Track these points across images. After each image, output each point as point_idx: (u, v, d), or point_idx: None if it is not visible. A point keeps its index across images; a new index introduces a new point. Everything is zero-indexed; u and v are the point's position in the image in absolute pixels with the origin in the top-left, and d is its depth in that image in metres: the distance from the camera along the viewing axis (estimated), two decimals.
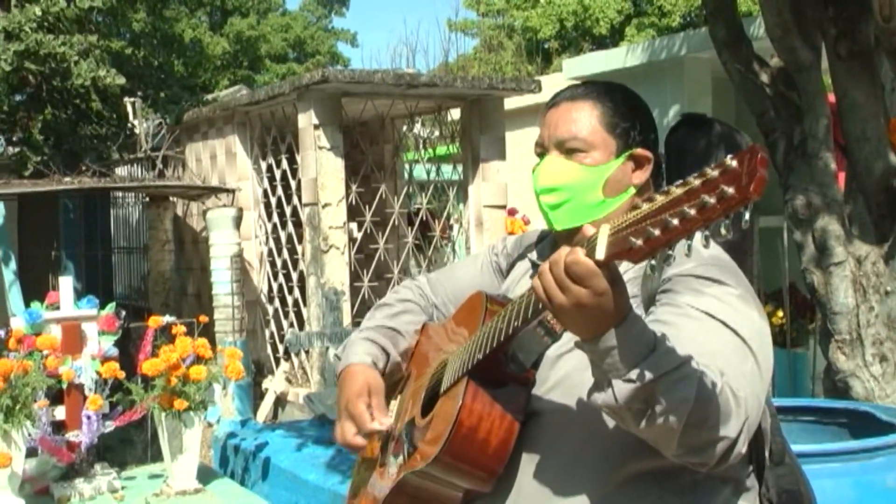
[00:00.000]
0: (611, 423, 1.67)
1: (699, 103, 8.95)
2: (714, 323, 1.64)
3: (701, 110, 10.01)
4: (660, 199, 1.33)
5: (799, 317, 7.62)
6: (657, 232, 1.32)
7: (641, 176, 1.87)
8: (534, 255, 2.03)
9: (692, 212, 1.28)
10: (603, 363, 1.53)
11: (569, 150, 1.85)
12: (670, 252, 1.34)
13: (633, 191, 1.85)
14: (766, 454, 1.87)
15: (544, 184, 1.86)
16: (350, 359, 2.03)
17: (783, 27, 4.86)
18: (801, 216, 5.06)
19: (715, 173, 1.28)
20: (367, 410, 1.90)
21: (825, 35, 4.99)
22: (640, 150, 1.87)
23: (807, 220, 5.04)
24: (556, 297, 1.51)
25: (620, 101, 1.89)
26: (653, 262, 1.36)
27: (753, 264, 2.01)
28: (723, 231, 1.28)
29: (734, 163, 1.26)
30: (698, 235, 1.30)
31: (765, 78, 5.13)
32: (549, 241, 2.01)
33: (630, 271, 1.74)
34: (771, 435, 1.89)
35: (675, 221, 1.30)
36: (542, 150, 1.91)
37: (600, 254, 1.41)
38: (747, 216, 1.27)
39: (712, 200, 1.26)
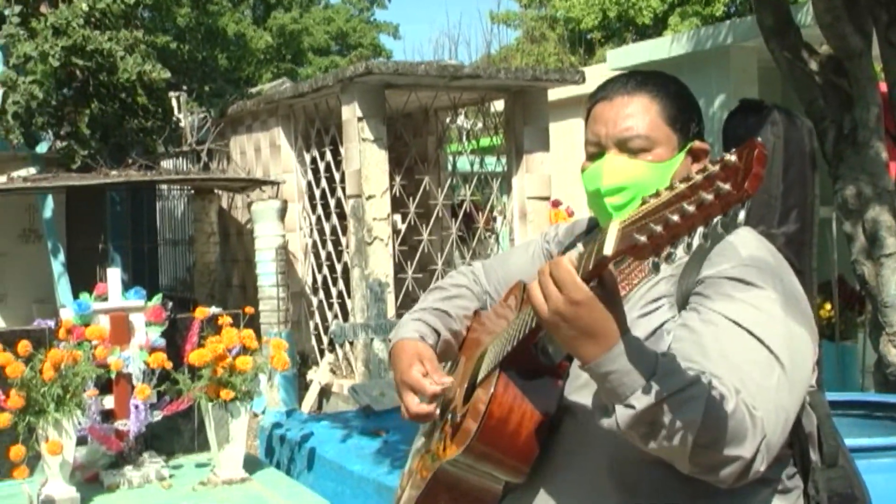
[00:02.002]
0: None
1: (745, 93, 8.83)
2: (740, 333, 1.59)
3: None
4: (665, 195, 1.29)
5: (847, 309, 7.52)
6: (659, 228, 1.28)
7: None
8: (581, 246, 2.01)
9: (691, 208, 1.24)
10: (604, 388, 1.51)
11: (633, 148, 1.78)
12: (672, 250, 1.29)
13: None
14: (817, 456, 1.82)
15: (610, 184, 1.79)
16: (399, 336, 2.03)
17: (833, 13, 4.79)
18: (851, 206, 4.99)
19: (715, 168, 1.24)
20: (423, 377, 1.88)
21: (876, 21, 4.92)
22: (698, 143, 1.82)
23: (857, 210, 4.97)
24: (539, 304, 1.49)
25: (676, 94, 1.83)
26: (655, 259, 1.31)
27: (812, 256, 1.97)
28: (719, 230, 1.24)
29: (733, 158, 1.23)
30: (700, 231, 1.25)
31: (814, 66, 5.06)
32: (596, 233, 1.98)
33: (669, 269, 1.71)
34: (824, 437, 1.84)
35: (676, 217, 1.26)
36: (597, 149, 1.83)
37: (608, 249, 1.36)
38: (742, 215, 1.22)
39: (710, 197, 1.23)
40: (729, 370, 1.54)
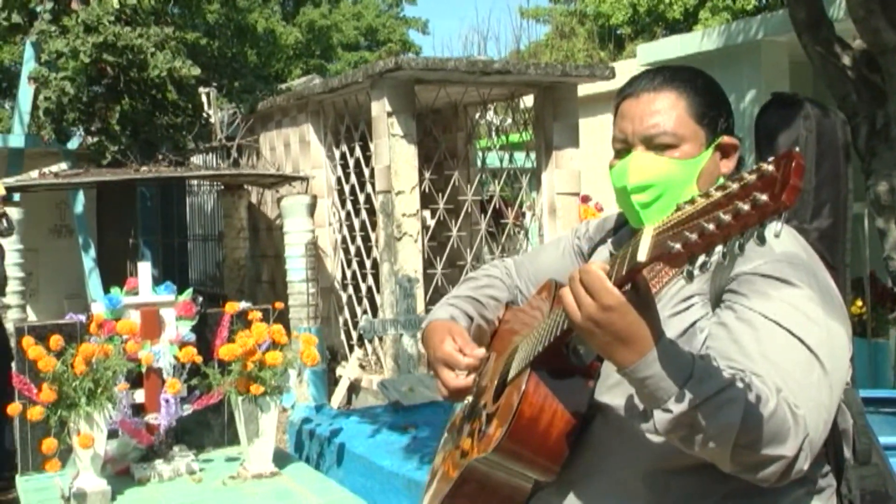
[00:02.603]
0: None
1: (776, 88, 8.77)
2: (778, 331, 1.57)
3: None
4: (700, 202, 1.28)
5: (879, 306, 7.46)
6: (694, 237, 1.27)
7: (729, 164, 1.80)
8: (609, 245, 2.00)
9: (728, 218, 1.23)
10: (641, 393, 1.51)
11: (659, 145, 1.76)
12: (707, 259, 1.27)
13: (722, 181, 1.79)
14: (850, 454, 1.81)
15: (636, 181, 1.77)
16: (431, 319, 2.03)
17: (866, 8, 4.74)
18: (884, 202, 4.94)
19: (752, 178, 1.22)
20: (457, 351, 1.87)
21: None
22: (726, 139, 1.79)
23: (890, 206, 4.92)
24: (572, 311, 1.49)
25: (703, 89, 1.80)
26: (690, 268, 1.29)
27: (846, 252, 1.94)
28: (755, 240, 1.22)
29: (771, 168, 1.21)
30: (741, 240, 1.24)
31: (846, 60, 5.01)
32: (627, 230, 1.95)
33: None
34: (857, 435, 1.82)
35: (712, 227, 1.24)
36: (624, 146, 1.82)
37: (642, 255, 1.35)
38: (779, 226, 1.21)
39: (746, 207, 1.21)
40: (770, 369, 1.53)
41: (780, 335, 1.57)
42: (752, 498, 1.65)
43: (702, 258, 1.27)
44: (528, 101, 9.27)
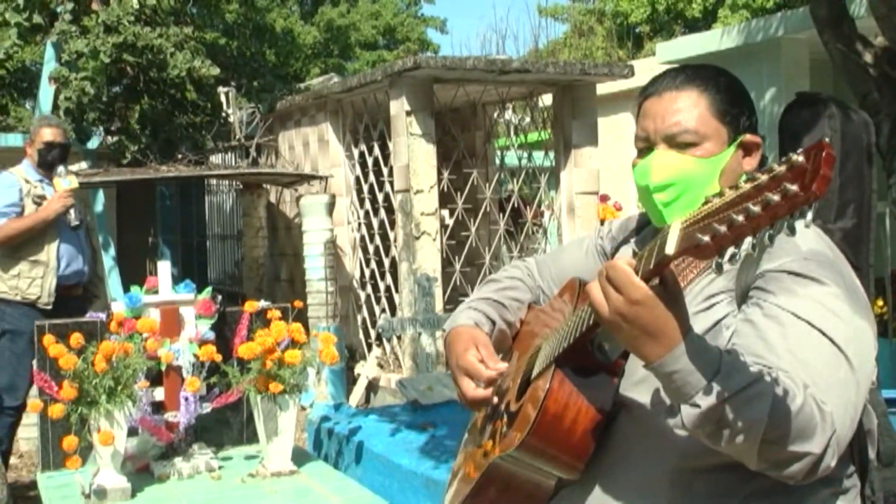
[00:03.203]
0: None
1: (796, 86, 8.73)
2: (805, 328, 1.57)
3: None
4: (729, 194, 1.28)
5: None
6: (724, 229, 1.27)
7: (752, 162, 1.80)
8: (633, 244, 1.99)
9: (757, 209, 1.23)
10: (668, 387, 1.51)
11: (681, 143, 1.76)
12: (736, 250, 1.27)
13: (744, 178, 1.77)
14: (874, 455, 1.79)
15: (658, 180, 1.77)
16: (454, 324, 2.03)
17: (888, 4, 4.71)
18: None
19: (782, 169, 1.23)
20: (479, 362, 1.88)
21: None
22: (748, 136, 1.79)
23: None
24: (599, 305, 1.50)
25: (725, 87, 1.80)
26: (719, 260, 1.29)
27: (870, 252, 1.93)
28: (785, 231, 1.22)
29: (801, 158, 1.21)
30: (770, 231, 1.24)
31: (868, 58, 4.98)
32: (650, 229, 1.95)
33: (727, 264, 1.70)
34: (881, 435, 1.81)
35: (741, 218, 1.25)
36: (646, 144, 1.82)
37: (670, 248, 1.35)
38: (809, 216, 1.21)
39: (776, 198, 1.22)
40: (797, 365, 1.53)
41: (808, 332, 1.57)
42: (777, 497, 1.64)
43: (731, 250, 1.27)
44: (546, 99, 9.26)
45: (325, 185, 9.11)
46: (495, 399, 1.91)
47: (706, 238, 1.29)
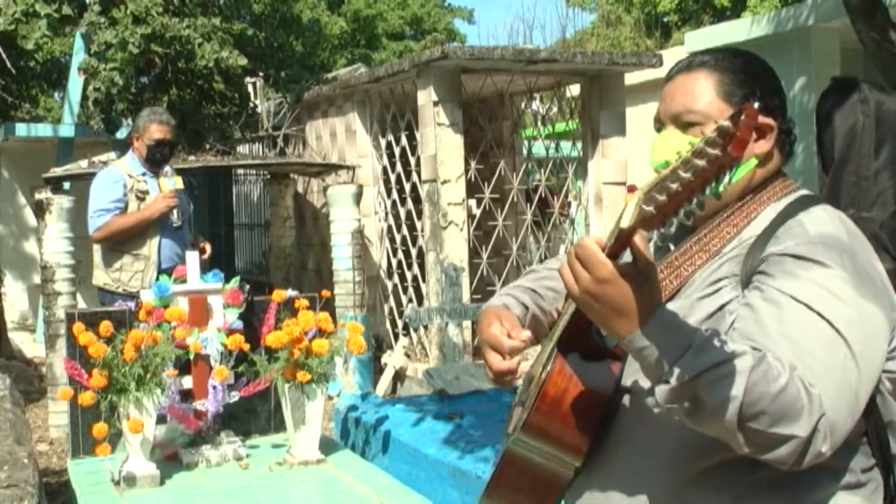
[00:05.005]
0: None
1: (827, 74, 8.61)
2: (803, 310, 1.54)
3: (829, 82, 9.66)
4: (671, 164, 1.31)
5: None
6: (663, 198, 1.30)
7: (764, 145, 1.75)
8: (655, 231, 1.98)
9: (688, 175, 1.27)
10: (642, 365, 1.51)
11: (685, 124, 1.76)
12: (675, 218, 1.31)
13: (755, 162, 1.74)
14: None
15: (659, 160, 1.76)
16: (485, 307, 2.03)
17: None
18: None
19: (713, 135, 1.25)
20: (503, 334, 1.87)
21: None
22: (761, 118, 1.73)
23: None
24: (570, 284, 1.51)
25: (738, 67, 1.78)
26: (661, 229, 1.34)
27: None
28: (707, 192, 1.27)
29: (727, 123, 1.24)
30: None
31: None
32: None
33: (735, 249, 1.69)
34: None
35: (675, 186, 1.28)
36: (660, 126, 1.84)
37: (625, 222, 1.38)
38: (726, 179, 1.25)
39: (702, 163, 1.25)
40: (789, 347, 1.50)
41: (805, 314, 1.54)
42: (780, 489, 1.62)
43: (672, 218, 1.32)
44: (574, 89, 9.23)
45: (352, 174, 9.12)
46: (520, 378, 1.91)
47: (650, 209, 1.32)
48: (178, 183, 5.72)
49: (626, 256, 1.49)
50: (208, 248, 6.01)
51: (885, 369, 1.63)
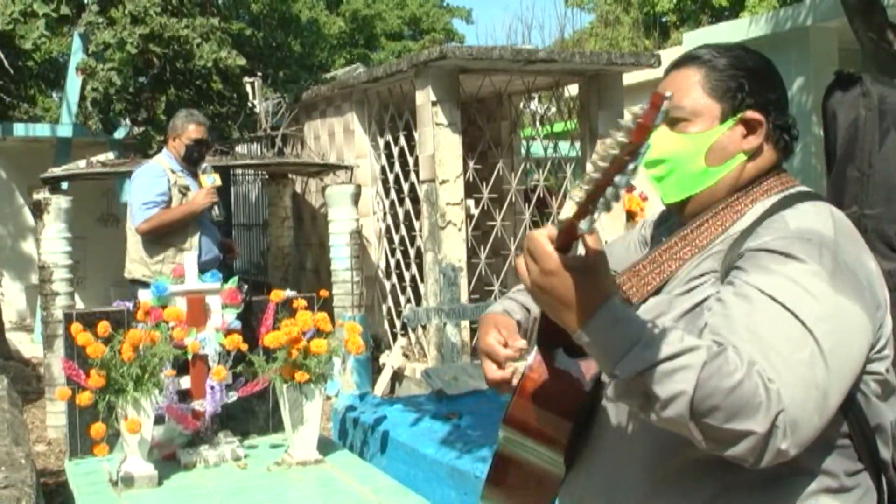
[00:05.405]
0: None
1: (825, 74, 8.63)
2: (771, 305, 1.51)
3: (827, 81, 9.68)
4: (599, 154, 1.34)
5: None
6: (589, 187, 1.33)
7: (753, 141, 1.72)
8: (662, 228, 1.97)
9: (606, 164, 1.30)
10: (595, 359, 1.51)
11: (672, 120, 1.73)
12: (597, 207, 1.33)
13: (742, 157, 1.72)
14: (889, 455, 1.67)
15: (648, 156, 1.72)
16: (486, 312, 2.03)
17: None
18: None
19: (627, 123, 1.28)
20: (498, 343, 1.86)
21: None
22: (750, 113, 1.72)
23: None
24: (523, 277, 1.51)
25: (729, 63, 1.73)
26: (593, 218, 1.35)
27: None
28: (620, 179, 1.29)
29: (638, 110, 1.26)
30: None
31: None
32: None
33: (718, 245, 1.67)
34: None
35: (598, 175, 1.31)
36: None
37: (564, 213, 1.41)
38: (631, 165, 1.28)
39: (615, 151, 1.28)
40: (751, 342, 1.48)
41: (772, 309, 1.51)
42: (754, 490, 1.59)
43: (597, 207, 1.34)
44: (572, 89, 9.23)
45: (350, 175, 9.12)
46: (514, 381, 1.91)
47: (581, 197, 1.34)
48: (217, 180, 5.89)
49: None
50: (236, 248, 6.14)
51: (870, 370, 1.60)
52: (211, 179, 5.82)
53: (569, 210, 1.39)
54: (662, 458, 1.64)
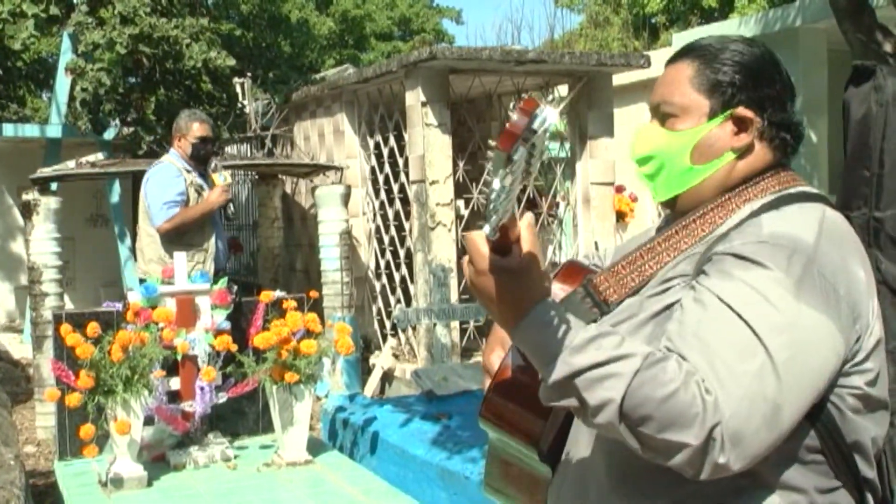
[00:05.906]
0: None
1: (814, 75, 8.70)
2: (724, 312, 1.44)
3: (816, 83, 9.74)
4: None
5: None
6: (488, 191, 1.33)
7: (744, 138, 1.64)
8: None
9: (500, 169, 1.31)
10: (531, 361, 1.49)
11: (662, 116, 1.68)
12: (491, 211, 1.35)
13: (731, 156, 1.64)
14: (873, 473, 1.59)
15: (639, 153, 1.71)
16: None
17: None
18: None
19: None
20: (496, 360, 1.83)
21: None
22: (741, 110, 1.63)
23: None
24: (465, 276, 1.50)
25: (722, 57, 1.66)
26: (493, 221, 1.37)
27: None
28: (498, 185, 1.30)
29: (514, 115, 1.27)
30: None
31: (888, 48, 4.95)
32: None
33: (696, 247, 1.61)
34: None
35: (491, 179, 1.33)
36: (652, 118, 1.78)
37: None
38: (507, 169, 1.28)
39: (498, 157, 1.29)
40: (697, 350, 1.43)
41: (724, 316, 1.45)
42: (714, 502, 1.52)
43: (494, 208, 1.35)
44: (562, 90, 9.24)
45: (340, 175, 9.12)
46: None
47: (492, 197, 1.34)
48: (228, 178, 5.92)
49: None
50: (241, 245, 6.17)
51: (845, 384, 1.52)
52: (222, 178, 5.84)
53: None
54: (621, 462, 1.60)
